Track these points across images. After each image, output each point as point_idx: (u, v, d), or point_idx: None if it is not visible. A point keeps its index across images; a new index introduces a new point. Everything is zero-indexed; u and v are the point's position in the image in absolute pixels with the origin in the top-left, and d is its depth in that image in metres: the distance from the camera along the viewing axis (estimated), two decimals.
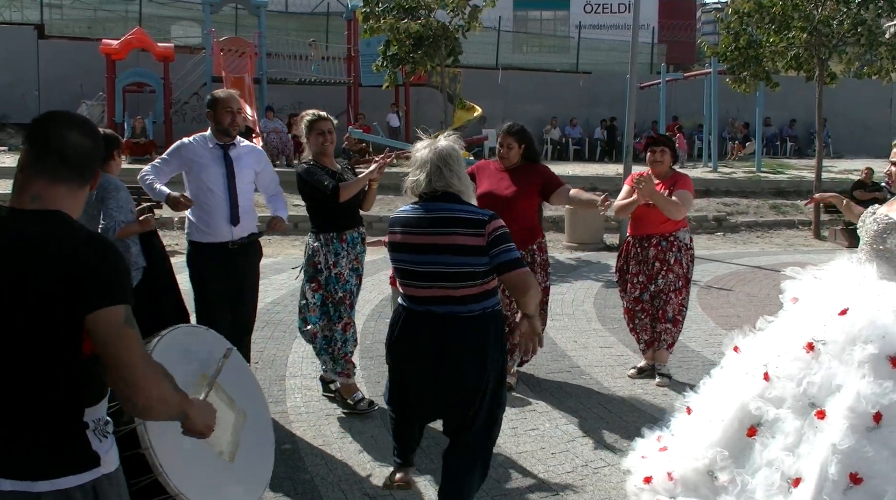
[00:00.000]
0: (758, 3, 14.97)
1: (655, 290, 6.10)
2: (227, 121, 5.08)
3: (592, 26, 35.03)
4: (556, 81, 27.41)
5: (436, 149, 3.63)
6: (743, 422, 3.81)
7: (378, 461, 4.72)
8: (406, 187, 3.69)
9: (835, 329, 3.67)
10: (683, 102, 25.80)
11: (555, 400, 5.81)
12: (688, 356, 6.91)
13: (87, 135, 2.17)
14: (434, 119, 21.79)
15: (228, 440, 3.16)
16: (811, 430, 3.52)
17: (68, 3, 29.77)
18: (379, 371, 6.39)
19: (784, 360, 3.79)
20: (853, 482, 3.31)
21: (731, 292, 9.89)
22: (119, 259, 2.11)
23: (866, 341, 3.54)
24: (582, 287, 9.97)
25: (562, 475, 4.58)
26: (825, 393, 3.55)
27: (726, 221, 16.60)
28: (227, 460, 3.14)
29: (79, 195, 2.18)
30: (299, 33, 25.91)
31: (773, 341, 3.99)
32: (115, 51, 19.97)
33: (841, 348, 3.62)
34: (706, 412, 4.08)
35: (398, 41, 13.44)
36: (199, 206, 5.04)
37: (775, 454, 3.59)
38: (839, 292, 3.87)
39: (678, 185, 6.01)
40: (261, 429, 3.56)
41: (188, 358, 3.14)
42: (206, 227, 5.07)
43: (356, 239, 5.52)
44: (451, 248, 3.48)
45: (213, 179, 5.04)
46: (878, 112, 28.60)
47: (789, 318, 4.04)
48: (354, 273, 5.51)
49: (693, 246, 6.23)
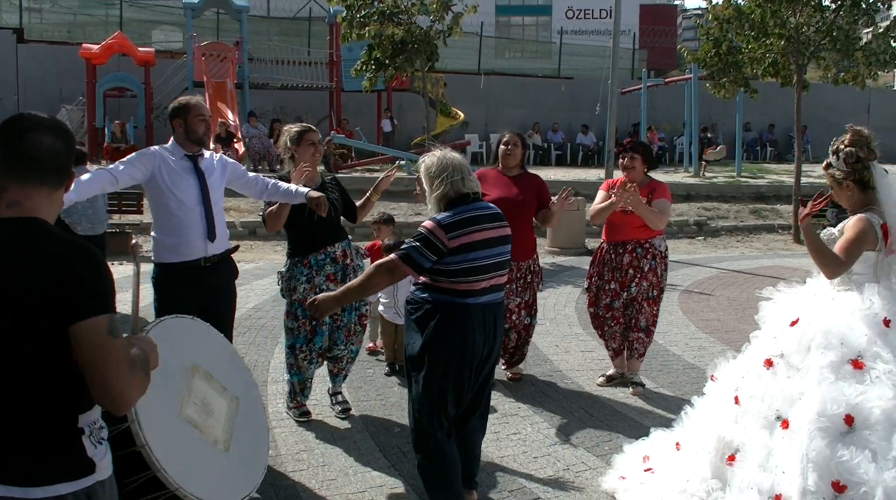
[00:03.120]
0: (737, 9, 15.11)
1: (628, 298, 6.06)
2: (201, 129, 4.67)
3: (574, 32, 35.28)
4: (537, 86, 27.53)
5: (456, 156, 3.98)
6: (721, 451, 3.78)
7: (360, 465, 4.71)
8: (441, 193, 3.86)
9: (788, 340, 3.71)
10: (664, 108, 25.99)
11: (536, 404, 5.83)
12: (669, 360, 6.96)
13: (59, 137, 2.15)
14: (417, 124, 21.85)
15: (222, 429, 3.15)
16: (779, 442, 3.51)
17: (48, 7, 29.61)
18: (361, 377, 6.39)
19: (748, 381, 3.83)
20: (837, 492, 3.25)
21: (711, 296, 9.96)
22: (102, 267, 2.09)
23: (826, 347, 3.56)
24: (564, 292, 10.00)
25: (543, 478, 4.60)
26: (787, 404, 3.56)
27: (707, 225, 16.70)
28: (223, 449, 3.14)
29: (55, 198, 2.17)
30: (281, 38, 25.89)
31: (740, 365, 4.03)
32: (95, 55, 19.88)
33: (797, 356, 3.64)
34: (693, 445, 4.05)
35: (380, 46, 13.46)
36: (169, 222, 4.58)
37: (751, 475, 3.56)
38: (791, 305, 3.90)
39: (656, 193, 6.00)
40: (253, 412, 3.55)
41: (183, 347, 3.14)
42: (178, 245, 4.58)
43: (322, 261, 5.29)
44: (505, 239, 3.94)
45: (186, 191, 4.58)
46: (857, 117, 28.59)
47: (754, 339, 4.06)
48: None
49: (668, 254, 6.21)
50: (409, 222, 13.93)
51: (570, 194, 5.87)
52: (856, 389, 3.41)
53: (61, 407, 2.06)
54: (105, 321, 2.02)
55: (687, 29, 50.91)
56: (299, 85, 22.55)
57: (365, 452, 4.91)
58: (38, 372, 2.02)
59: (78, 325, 1.99)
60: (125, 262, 11.63)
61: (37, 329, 1.99)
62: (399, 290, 6.48)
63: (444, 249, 3.72)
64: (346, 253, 5.44)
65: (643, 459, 4.39)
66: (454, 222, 3.77)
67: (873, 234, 3.77)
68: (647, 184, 6.06)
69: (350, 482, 4.50)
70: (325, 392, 5.81)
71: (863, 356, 3.49)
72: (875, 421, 3.32)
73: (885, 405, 3.32)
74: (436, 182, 3.88)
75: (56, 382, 2.04)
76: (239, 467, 3.27)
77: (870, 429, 3.32)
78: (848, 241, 3.77)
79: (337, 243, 5.40)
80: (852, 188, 3.93)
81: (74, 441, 2.08)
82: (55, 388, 2.04)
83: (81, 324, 1.99)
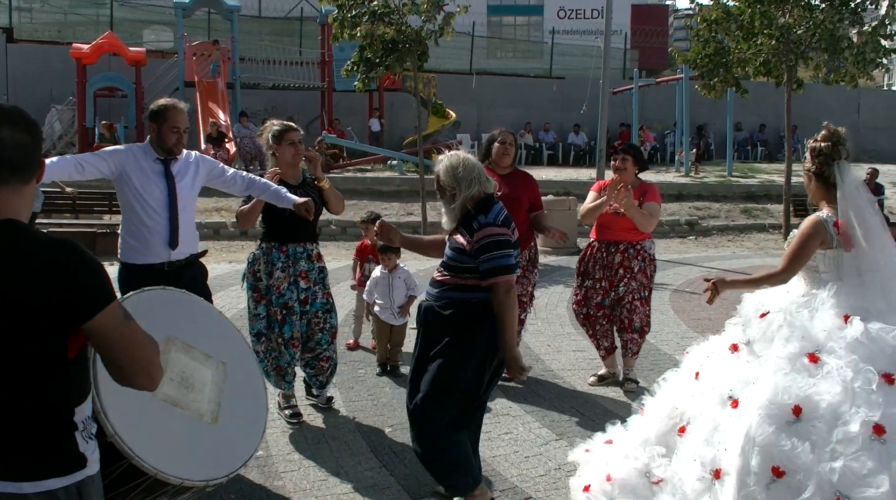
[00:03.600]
0: (726, 10, 15.15)
1: (616, 297, 6.11)
2: (171, 140, 4.56)
3: (566, 31, 35.25)
4: (529, 86, 27.56)
5: (472, 157, 4.09)
6: (674, 420, 3.95)
7: (352, 466, 4.71)
8: (471, 193, 3.95)
9: (755, 329, 3.89)
10: (655, 107, 26.05)
11: (528, 404, 5.84)
12: (660, 360, 6.97)
13: (22, 129, 2.07)
14: (409, 124, 21.84)
15: (207, 400, 3.04)
16: (727, 420, 3.64)
17: (38, 7, 29.47)
18: (353, 377, 6.40)
19: (711, 360, 4.04)
20: (776, 476, 3.38)
21: (702, 295, 9.96)
22: (91, 258, 2.07)
23: (787, 339, 3.69)
24: (556, 291, 10.02)
25: (535, 478, 4.61)
26: (741, 386, 3.72)
27: (698, 224, 16.76)
28: (209, 421, 3.03)
29: (25, 193, 2.10)
30: (272, 38, 25.84)
31: (708, 345, 4.21)
32: (85, 55, 19.81)
33: (759, 344, 3.82)
34: (651, 413, 4.23)
35: (371, 46, 13.45)
36: (133, 224, 4.54)
37: (696, 447, 3.71)
38: (766, 300, 4.04)
39: (647, 196, 6.06)
40: (246, 374, 3.40)
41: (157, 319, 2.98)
42: (141, 246, 4.54)
43: (300, 254, 5.31)
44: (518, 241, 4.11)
45: (154, 195, 4.52)
46: (847, 117, 28.99)
47: (728, 326, 4.22)
48: (295, 288, 5.29)
49: (656, 257, 6.29)
50: (401, 222, 13.96)
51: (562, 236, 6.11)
52: (808, 382, 3.53)
53: (57, 403, 2.06)
54: (116, 308, 2.05)
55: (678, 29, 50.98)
56: (291, 85, 22.54)
57: (356, 452, 4.91)
58: (35, 371, 2.01)
59: (92, 320, 2.00)
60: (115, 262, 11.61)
61: (38, 330, 1.98)
62: (394, 291, 6.49)
63: (511, 239, 3.94)
64: (321, 256, 5.49)
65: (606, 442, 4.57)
66: (504, 219, 3.97)
67: (825, 233, 3.84)
68: (639, 186, 6.12)
69: (341, 482, 4.50)
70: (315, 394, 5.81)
71: (820, 351, 3.60)
72: (821, 413, 3.42)
73: (832, 400, 3.43)
74: (464, 183, 3.95)
75: (52, 378, 2.04)
76: (232, 435, 3.15)
77: (814, 421, 3.42)
78: (791, 247, 3.94)
79: (313, 243, 5.44)
80: (813, 181, 4.03)
81: (67, 437, 2.08)
82: (51, 385, 2.04)
83: (95, 319, 2.00)
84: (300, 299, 5.31)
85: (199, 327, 3.20)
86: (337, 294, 8.71)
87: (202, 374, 3.07)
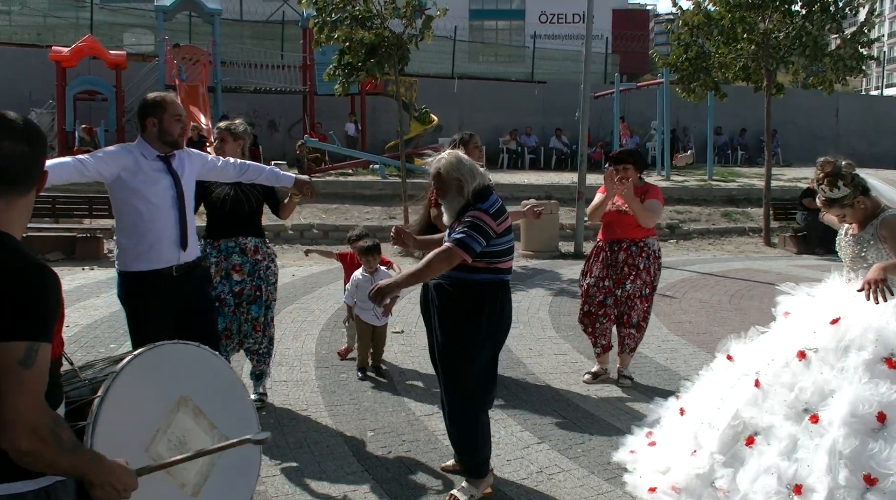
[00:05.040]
0: (707, 15, 15.27)
1: (622, 295, 6.23)
2: (177, 130, 4.31)
3: (547, 36, 35.42)
4: (511, 90, 27.60)
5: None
6: (738, 430, 3.89)
7: (334, 470, 4.70)
8: (477, 184, 4.23)
9: (826, 337, 3.80)
10: (636, 111, 26.16)
11: (510, 407, 5.85)
12: (641, 362, 7.00)
13: (20, 140, 2.04)
14: (390, 128, 21.83)
15: (196, 471, 2.89)
16: (806, 435, 3.60)
17: (17, 10, 29.23)
18: (335, 381, 6.38)
19: (775, 367, 3.93)
20: (868, 484, 3.36)
21: (683, 298, 10.04)
22: (44, 294, 1.98)
23: (860, 347, 3.65)
24: (537, 295, 10.04)
25: (517, 481, 4.61)
26: (818, 399, 3.65)
27: (679, 228, 16.86)
28: (190, 495, 2.87)
29: (19, 203, 2.08)
30: (254, 41, 25.77)
31: (763, 350, 4.11)
32: (65, 58, 19.65)
33: (833, 354, 3.73)
34: (700, 416, 4.18)
35: (351, 51, 13.45)
36: (138, 227, 4.24)
37: (771, 461, 3.66)
38: (830, 304, 3.98)
39: (648, 194, 6.21)
40: (243, 453, 3.19)
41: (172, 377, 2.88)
42: (148, 251, 4.25)
43: (232, 248, 5.48)
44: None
45: (160, 194, 4.25)
46: (826, 121, 29.33)
47: (781, 329, 4.15)
48: (228, 281, 5.48)
49: (661, 255, 6.41)
50: (383, 226, 13.92)
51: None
52: (889, 387, 3.50)
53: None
54: (21, 348, 1.92)
55: (659, 34, 51.28)
56: (272, 88, 22.48)
57: (338, 457, 4.90)
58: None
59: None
60: (95, 267, 11.54)
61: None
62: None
63: (493, 233, 4.14)
64: (258, 249, 5.57)
65: (647, 434, 4.64)
66: (498, 210, 4.21)
67: None
68: (642, 187, 6.28)
69: (323, 487, 4.49)
70: (296, 397, 5.79)
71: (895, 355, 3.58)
72: None
73: None
74: (469, 175, 4.23)
75: None
76: None
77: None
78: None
79: (250, 237, 5.55)
80: (862, 200, 4.06)
81: None
82: None
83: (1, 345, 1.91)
84: (234, 292, 5.49)
85: (214, 395, 3.03)
86: (319, 298, 8.70)
87: (202, 442, 2.89)
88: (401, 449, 5.04)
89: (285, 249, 14.11)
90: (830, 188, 4.03)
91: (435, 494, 4.43)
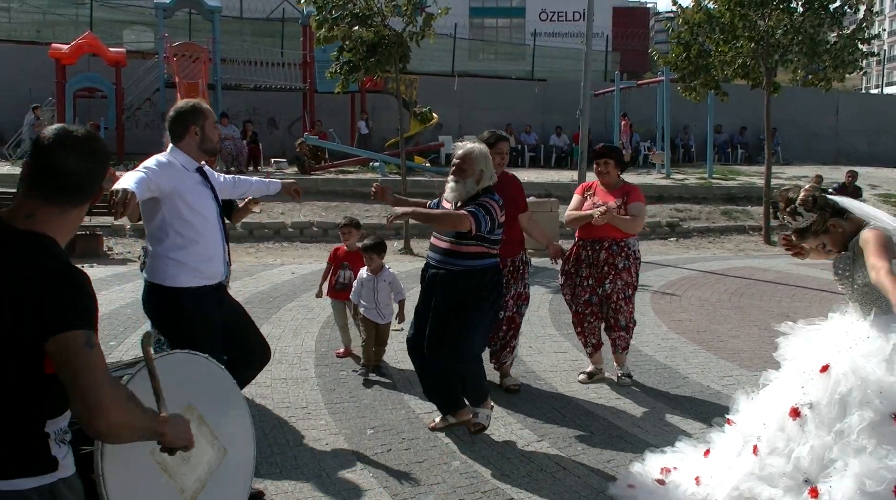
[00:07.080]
0: (707, 13, 15.26)
1: (603, 294, 6.16)
2: (217, 138, 4.21)
3: (548, 34, 35.41)
4: (511, 88, 27.58)
5: None
6: (733, 497, 3.61)
7: (333, 468, 4.70)
8: (489, 175, 4.97)
9: (817, 389, 3.41)
10: (637, 110, 26.14)
11: (510, 405, 5.84)
12: (640, 360, 7.00)
13: (86, 158, 2.18)
14: (390, 125, 21.82)
15: (195, 479, 2.96)
16: None
17: (16, 7, 29.23)
18: (335, 379, 6.38)
19: (769, 431, 3.57)
20: None
21: (682, 296, 10.04)
22: (83, 288, 2.10)
23: (861, 404, 3.22)
24: (537, 293, 10.02)
25: (517, 479, 4.60)
26: (817, 468, 3.29)
27: (679, 226, 16.86)
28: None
29: (72, 215, 2.21)
30: (254, 39, 25.74)
31: (760, 409, 3.75)
32: (65, 55, 19.65)
33: (827, 409, 3.33)
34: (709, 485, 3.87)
35: (351, 49, 13.42)
36: (193, 242, 4.09)
37: None
38: (820, 345, 3.59)
39: (630, 197, 6.11)
40: (239, 470, 3.31)
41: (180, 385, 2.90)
42: (202, 267, 4.13)
43: None
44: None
45: (208, 209, 4.14)
46: (825, 120, 29.33)
47: (776, 381, 3.77)
48: None
49: (640, 256, 6.34)
50: (384, 224, 13.92)
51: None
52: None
53: (30, 414, 2.08)
54: (81, 335, 2.04)
55: (659, 31, 51.26)
56: (272, 86, 22.46)
57: (338, 454, 4.90)
58: (9, 380, 2.03)
59: (54, 338, 2.01)
60: (95, 264, 11.53)
61: (14, 340, 2.01)
62: (379, 294, 6.46)
63: (497, 222, 4.84)
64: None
65: (661, 471, 4.27)
66: (502, 205, 4.92)
67: (892, 244, 3.47)
68: (621, 187, 6.19)
69: (323, 485, 4.49)
70: (296, 395, 5.78)
71: None
72: None
73: None
74: (488, 173, 4.93)
75: (26, 390, 2.06)
76: None
77: None
78: (877, 246, 3.44)
79: None
80: (837, 222, 3.76)
81: (38, 441, 2.09)
82: (24, 396, 2.06)
83: (57, 337, 2.01)
84: None
85: (219, 407, 3.10)
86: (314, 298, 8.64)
87: (203, 452, 2.96)
88: (400, 447, 5.03)
89: (285, 246, 14.12)
90: (794, 218, 3.85)
91: (435, 491, 4.42)
